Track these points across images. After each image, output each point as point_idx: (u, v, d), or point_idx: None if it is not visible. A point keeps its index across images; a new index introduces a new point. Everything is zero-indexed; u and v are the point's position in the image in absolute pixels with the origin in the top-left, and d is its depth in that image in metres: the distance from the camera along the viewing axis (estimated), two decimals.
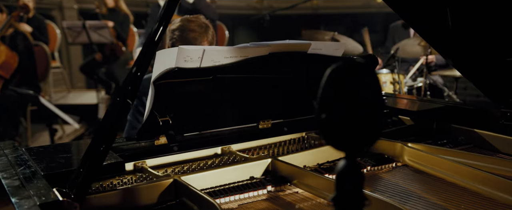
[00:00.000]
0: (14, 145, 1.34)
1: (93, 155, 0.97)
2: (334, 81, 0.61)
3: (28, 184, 1.01)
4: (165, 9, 1.02)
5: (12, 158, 1.21)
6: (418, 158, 1.48)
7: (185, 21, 2.08)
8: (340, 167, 0.62)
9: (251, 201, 1.32)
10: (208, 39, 2.06)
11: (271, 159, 1.44)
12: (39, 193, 0.96)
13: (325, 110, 0.60)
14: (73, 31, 5.48)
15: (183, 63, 1.33)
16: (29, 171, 1.11)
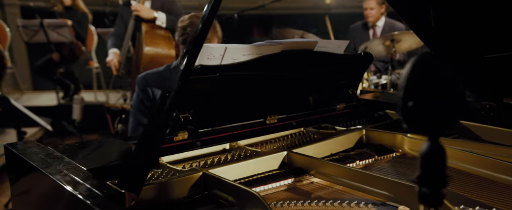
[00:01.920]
0: (38, 143, 1.33)
1: (147, 150, 1.01)
2: (419, 72, 0.69)
3: (79, 178, 1.04)
4: (210, 9, 1.07)
5: (45, 155, 1.21)
6: (417, 147, 1.61)
7: (194, 18, 2.13)
8: (424, 148, 0.71)
9: (273, 191, 1.39)
10: (218, 35, 2.12)
11: (287, 152, 1.52)
12: (96, 186, 0.99)
13: (412, 98, 0.69)
14: (30, 30, 5.28)
15: (206, 61, 1.39)
16: (70, 166, 1.13)
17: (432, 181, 0.71)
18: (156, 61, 3.27)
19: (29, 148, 1.27)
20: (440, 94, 0.70)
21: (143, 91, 2.20)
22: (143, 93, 2.20)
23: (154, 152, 1.02)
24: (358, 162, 1.59)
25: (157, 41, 3.30)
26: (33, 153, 1.23)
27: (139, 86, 2.24)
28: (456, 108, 0.71)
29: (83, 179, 1.03)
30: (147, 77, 2.25)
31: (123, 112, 3.57)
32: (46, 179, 1.08)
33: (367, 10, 4.47)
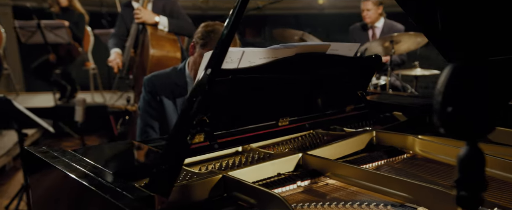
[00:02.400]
0: (58, 147, 1.34)
1: (176, 153, 1.02)
2: (458, 77, 0.71)
3: (107, 181, 1.05)
4: (237, 11, 1.08)
5: (68, 158, 1.22)
6: (429, 148, 1.64)
7: (218, 26, 2.15)
8: (463, 153, 0.73)
9: (290, 193, 1.41)
10: (235, 43, 2.14)
11: (302, 154, 1.54)
12: (125, 188, 1.00)
13: (451, 103, 0.71)
14: (26, 31, 5.25)
15: (224, 64, 1.40)
16: (97, 170, 1.14)
17: (470, 185, 0.73)
18: (162, 64, 3.28)
19: (50, 151, 1.27)
20: (479, 99, 0.72)
21: (150, 94, 2.22)
22: (149, 96, 2.21)
23: (183, 155, 1.04)
24: (371, 163, 1.61)
25: (162, 43, 3.31)
26: (54, 156, 1.23)
27: (145, 89, 2.25)
28: (495, 113, 0.73)
29: (111, 182, 1.04)
30: (153, 80, 2.25)
31: (126, 113, 3.57)
32: (73, 182, 1.09)
33: (364, 11, 4.51)
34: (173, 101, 2.21)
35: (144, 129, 2.19)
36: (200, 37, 2.12)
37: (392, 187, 1.32)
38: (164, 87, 2.22)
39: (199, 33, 2.13)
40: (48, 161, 1.19)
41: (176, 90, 2.22)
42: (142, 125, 2.21)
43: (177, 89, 2.23)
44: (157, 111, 2.21)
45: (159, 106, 2.21)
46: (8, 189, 4.21)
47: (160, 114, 2.20)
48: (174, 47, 3.37)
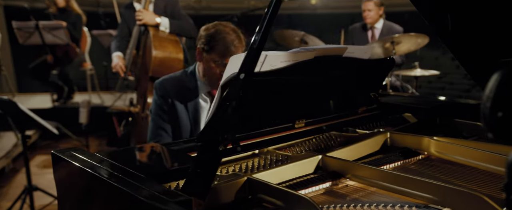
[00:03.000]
0: (84, 149, 1.35)
1: (211, 157, 1.04)
2: (508, 82, 0.73)
3: (140, 184, 1.06)
4: (270, 12, 1.10)
5: (98, 162, 1.23)
6: (445, 149, 1.66)
7: (219, 25, 2.14)
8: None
9: (313, 195, 1.43)
10: (242, 43, 2.14)
11: (322, 156, 1.56)
12: (164, 192, 1.01)
13: (501, 108, 0.73)
14: (24, 32, 5.22)
15: None
16: (128, 172, 1.15)
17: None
18: (165, 65, 3.28)
19: (78, 155, 1.28)
20: None
21: (162, 97, 2.21)
22: (161, 99, 2.21)
23: (217, 158, 1.05)
24: (388, 165, 1.63)
25: (165, 44, 3.31)
26: (84, 160, 1.24)
27: (157, 92, 2.24)
28: None
29: (147, 185, 1.06)
30: (165, 83, 2.25)
31: (129, 114, 3.56)
32: (108, 185, 1.10)
33: (365, 11, 4.54)
34: (185, 105, 2.21)
35: (156, 131, 2.19)
36: (204, 42, 2.11)
37: (415, 188, 1.34)
38: (175, 90, 2.22)
39: (202, 38, 2.13)
40: (80, 165, 1.20)
41: (187, 94, 2.23)
42: (154, 128, 2.22)
43: (188, 93, 2.23)
44: (169, 114, 2.21)
45: (171, 109, 2.21)
46: (8, 191, 4.18)
47: (172, 117, 2.21)
48: (177, 48, 3.37)
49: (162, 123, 2.19)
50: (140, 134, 3.42)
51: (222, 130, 1.06)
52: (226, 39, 2.08)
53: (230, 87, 1.10)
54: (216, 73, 2.15)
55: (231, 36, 2.09)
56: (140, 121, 3.41)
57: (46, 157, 5.20)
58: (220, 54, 2.10)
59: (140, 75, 3.54)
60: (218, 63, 2.12)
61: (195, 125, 2.24)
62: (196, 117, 2.23)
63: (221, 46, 2.09)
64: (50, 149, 5.46)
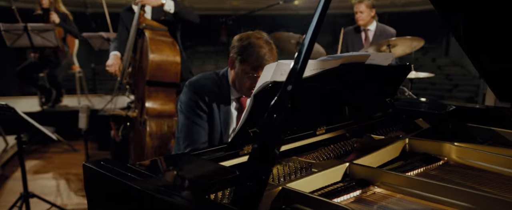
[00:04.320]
0: (116, 161, 1.32)
1: (260, 169, 1.03)
2: None
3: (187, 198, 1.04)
4: (319, 15, 1.10)
5: (135, 175, 1.20)
6: (466, 155, 1.69)
7: (253, 38, 2.11)
8: None
9: (345, 204, 1.43)
10: (275, 55, 2.13)
11: (349, 163, 1.56)
12: (214, 206, 1.00)
13: None
14: (12, 34, 5.09)
15: (279, 77, 1.41)
16: (169, 184, 1.13)
17: None
18: (162, 68, 3.23)
19: (112, 167, 1.25)
20: None
21: (198, 95, 2.16)
22: (198, 97, 2.15)
23: (268, 170, 1.04)
24: (412, 171, 1.65)
25: (161, 47, 3.26)
26: (122, 172, 1.21)
27: (193, 90, 2.18)
28: None
29: (193, 198, 1.04)
30: (201, 81, 2.21)
31: (127, 119, 3.51)
32: (150, 199, 1.08)
33: (357, 13, 4.58)
34: (218, 107, 2.18)
35: (193, 128, 2.11)
36: (238, 53, 2.09)
37: (446, 195, 1.36)
38: (211, 90, 2.19)
39: (235, 48, 2.11)
40: (118, 178, 1.17)
41: (221, 96, 2.19)
42: (189, 125, 2.14)
43: (221, 95, 2.20)
44: (205, 112, 2.17)
45: (208, 108, 2.17)
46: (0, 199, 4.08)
47: (208, 116, 2.16)
48: (174, 52, 3.33)
49: (198, 120, 2.14)
50: (138, 138, 3.37)
51: (270, 143, 1.05)
52: (259, 53, 2.06)
53: (278, 99, 1.09)
54: (245, 83, 2.14)
55: (264, 49, 2.07)
56: (138, 125, 3.36)
57: (37, 162, 5.10)
58: (252, 67, 2.09)
59: (137, 79, 3.50)
60: (249, 76, 2.10)
61: (225, 129, 2.22)
62: (227, 121, 2.22)
63: (254, 59, 2.07)
64: (39, 153, 5.35)
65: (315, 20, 1.12)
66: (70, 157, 5.29)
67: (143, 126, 3.20)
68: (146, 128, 3.11)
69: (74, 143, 5.63)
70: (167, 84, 3.24)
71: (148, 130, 3.09)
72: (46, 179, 4.53)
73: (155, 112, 3.20)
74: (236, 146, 1.50)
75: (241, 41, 2.10)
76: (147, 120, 3.14)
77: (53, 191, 4.18)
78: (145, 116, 3.19)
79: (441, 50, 16.19)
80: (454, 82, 12.38)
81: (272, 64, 1.40)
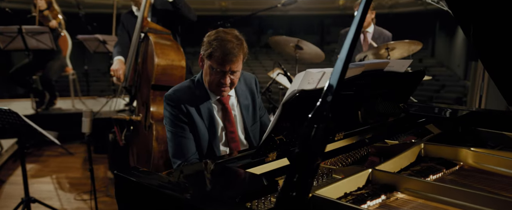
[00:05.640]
0: (147, 170, 1.32)
1: (303, 179, 1.05)
2: None
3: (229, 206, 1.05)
4: (360, 16, 1.12)
5: (169, 182, 1.21)
6: (483, 160, 1.73)
7: (221, 32, 2.09)
8: None
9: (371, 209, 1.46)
10: (244, 51, 2.10)
11: (371, 170, 1.59)
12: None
13: None
14: (6, 36, 5.02)
15: (306, 85, 1.43)
16: (209, 193, 1.14)
17: None
18: (167, 72, 3.22)
19: (145, 176, 1.26)
20: None
21: (176, 108, 2.15)
22: (176, 109, 2.15)
23: (310, 181, 1.06)
24: (432, 176, 1.68)
25: (167, 52, 3.25)
26: (155, 181, 1.22)
27: (169, 104, 2.18)
28: None
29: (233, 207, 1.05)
30: (176, 93, 2.19)
31: (131, 123, 3.49)
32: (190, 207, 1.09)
33: None
34: (199, 113, 2.17)
35: (180, 142, 2.10)
36: (205, 48, 2.07)
37: (468, 200, 1.39)
38: (188, 99, 2.17)
39: (204, 45, 2.09)
40: (154, 187, 1.18)
41: (199, 102, 2.18)
42: (176, 140, 2.14)
43: (200, 100, 2.18)
44: (187, 123, 2.16)
45: (188, 117, 2.16)
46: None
47: (191, 126, 2.16)
48: (179, 55, 3.32)
49: (182, 132, 2.13)
50: (142, 142, 3.35)
51: (311, 152, 1.07)
52: (226, 46, 2.03)
53: (317, 110, 1.10)
54: (214, 80, 2.12)
55: (231, 44, 2.04)
56: (143, 129, 3.35)
57: (32, 166, 5.04)
58: (218, 62, 2.06)
59: (141, 83, 3.48)
60: (216, 71, 2.08)
61: (213, 133, 2.21)
62: (212, 125, 2.20)
63: (220, 53, 2.03)
64: (34, 157, 5.29)
65: (351, 34, 1.14)
66: (66, 161, 5.24)
67: (149, 130, 3.19)
68: (152, 132, 3.10)
69: (68, 145, 5.58)
70: None
71: (155, 134, 3.08)
72: (44, 183, 4.48)
73: (161, 116, 3.19)
74: (263, 153, 1.52)
75: (209, 36, 2.08)
76: (153, 124, 3.13)
77: (51, 196, 4.15)
78: (150, 120, 3.17)
79: (427, 52, 16.42)
80: (441, 83, 12.56)
81: (300, 73, 1.41)
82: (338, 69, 1.12)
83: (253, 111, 2.35)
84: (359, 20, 1.15)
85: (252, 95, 2.36)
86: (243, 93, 2.31)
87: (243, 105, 2.30)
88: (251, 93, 2.35)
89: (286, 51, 4.61)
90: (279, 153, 1.56)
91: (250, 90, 2.36)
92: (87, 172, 4.79)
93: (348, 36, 1.15)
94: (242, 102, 2.30)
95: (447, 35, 14.94)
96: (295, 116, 1.50)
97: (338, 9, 17.44)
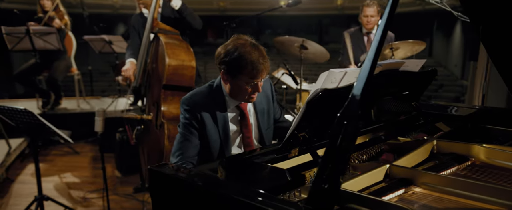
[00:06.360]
0: (181, 166, 1.38)
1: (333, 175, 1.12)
2: None
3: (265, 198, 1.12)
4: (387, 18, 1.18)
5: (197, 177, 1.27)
6: (496, 156, 1.80)
7: (239, 46, 2.10)
8: None
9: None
10: (264, 54, 2.13)
11: (389, 165, 1.66)
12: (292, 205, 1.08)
13: None
14: (14, 37, 5.07)
15: (329, 84, 1.50)
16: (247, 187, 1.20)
17: None
18: (178, 73, 3.29)
19: (179, 171, 1.32)
20: None
21: (191, 113, 2.18)
22: (191, 115, 2.17)
23: (341, 173, 1.13)
24: (445, 171, 1.75)
25: (178, 52, 3.31)
26: (194, 177, 1.28)
27: (186, 108, 2.21)
28: None
29: (270, 199, 1.12)
30: (193, 98, 2.23)
31: (142, 122, 3.55)
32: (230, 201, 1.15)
33: (368, 17, 4.66)
34: (214, 120, 2.21)
35: (182, 143, 2.18)
36: (230, 68, 2.12)
37: (484, 193, 1.46)
38: (204, 106, 2.20)
39: (226, 63, 2.12)
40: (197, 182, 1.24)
41: (216, 109, 2.22)
42: (180, 140, 2.20)
43: (217, 108, 2.22)
44: (199, 130, 2.19)
45: (200, 125, 2.18)
46: (9, 202, 4.07)
47: (202, 132, 2.20)
48: (189, 56, 3.38)
49: (189, 136, 2.18)
50: (154, 141, 3.42)
51: (343, 150, 1.14)
52: (252, 60, 2.06)
53: (346, 108, 1.17)
54: (247, 92, 2.16)
55: (254, 54, 2.07)
56: (154, 128, 3.41)
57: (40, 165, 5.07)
58: (250, 76, 2.09)
59: (152, 83, 3.54)
60: (250, 85, 2.13)
61: (225, 140, 2.24)
62: (226, 132, 2.24)
63: (249, 69, 2.07)
64: (41, 156, 5.33)
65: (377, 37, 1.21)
66: (73, 160, 5.29)
67: (161, 129, 3.25)
68: (164, 131, 3.16)
69: (74, 145, 5.63)
70: (183, 88, 3.30)
71: (166, 133, 3.14)
72: (52, 182, 4.53)
73: (171, 115, 3.25)
74: (286, 149, 1.58)
75: (229, 54, 2.09)
76: (164, 123, 3.19)
77: (62, 194, 4.20)
78: (162, 119, 3.24)
79: (425, 51, 16.53)
80: (439, 83, 12.67)
81: (324, 73, 1.48)
82: (366, 69, 1.19)
83: (268, 115, 2.38)
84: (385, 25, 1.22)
85: (267, 99, 2.39)
86: (259, 98, 2.33)
87: (258, 109, 2.34)
88: (266, 97, 2.39)
89: (291, 51, 4.67)
90: (302, 149, 1.63)
91: (265, 95, 2.39)
92: (94, 171, 4.86)
93: (374, 39, 1.22)
94: (258, 107, 2.34)
95: (445, 35, 15.06)
96: (318, 113, 1.56)
97: (336, 9, 17.54)
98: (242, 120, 2.29)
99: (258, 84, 2.13)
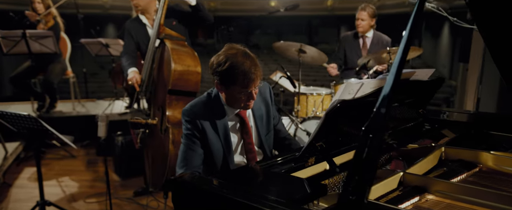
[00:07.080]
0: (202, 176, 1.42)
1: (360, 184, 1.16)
2: None
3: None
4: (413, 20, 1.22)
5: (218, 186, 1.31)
6: (503, 163, 1.86)
7: (230, 56, 2.12)
8: None
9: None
10: (256, 62, 2.15)
11: (402, 173, 1.71)
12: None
13: None
14: (10, 41, 5.03)
15: (347, 96, 1.54)
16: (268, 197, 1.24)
17: None
18: (184, 78, 3.30)
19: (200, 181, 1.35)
20: None
21: (192, 123, 2.22)
22: (192, 125, 2.22)
23: (367, 185, 1.17)
24: (455, 178, 1.80)
25: (183, 57, 3.33)
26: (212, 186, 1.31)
27: (187, 119, 2.24)
28: None
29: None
30: (194, 109, 2.26)
31: (146, 126, 3.56)
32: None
33: (359, 20, 4.74)
34: (215, 129, 2.23)
35: (187, 153, 2.21)
36: (223, 79, 2.14)
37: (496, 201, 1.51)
38: (204, 115, 2.23)
39: (218, 74, 2.14)
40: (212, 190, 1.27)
41: (216, 118, 2.24)
42: (184, 151, 2.23)
43: (216, 117, 2.25)
44: (201, 139, 2.22)
45: (202, 134, 2.22)
46: (8, 206, 4.05)
47: (204, 142, 2.23)
48: (195, 62, 3.40)
49: (193, 146, 2.21)
50: (158, 145, 3.43)
51: (370, 159, 1.18)
52: (243, 70, 2.08)
53: (372, 121, 1.21)
54: (242, 100, 2.19)
55: (246, 64, 2.09)
56: (159, 133, 3.43)
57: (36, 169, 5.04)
58: (242, 86, 2.12)
59: (156, 88, 3.56)
60: (243, 94, 2.15)
61: (227, 148, 2.27)
62: (227, 140, 2.26)
63: (241, 79, 2.10)
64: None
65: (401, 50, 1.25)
66: (69, 163, 5.27)
67: (165, 134, 3.27)
68: (168, 135, 3.18)
69: (70, 148, 5.61)
70: (188, 93, 3.32)
71: (171, 137, 3.16)
72: (51, 186, 4.52)
73: (176, 120, 3.27)
74: (304, 159, 1.62)
75: (221, 66, 2.11)
76: (169, 127, 3.21)
77: (60, 199, 4.19)
78: (167, 124, 3.26)
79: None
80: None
81: (342, 85, 1.52)
82: (389, 84, 1.23)
83: (267, 120, 2.41)
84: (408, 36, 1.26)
85: (266, 104, 2.42)
86: (257, 103, 2.36)
87: (257, 115, 2.36)
88: (264, 102, 2.41)
89: (289, 55, 4.72)
90: (318, 158, 1.67)
91: (264, 99, 2.41)
92: (92, 174, 4.85)
93: (398, 51, 1.27)
94: (256, 112, 2.36)
95: (433, 37, 15.26)
96: (336, 123, 1.61)
97: (326, 10, 17.64)
98: (242, 127, 2.32)
99: (252, 93, 2.16)
